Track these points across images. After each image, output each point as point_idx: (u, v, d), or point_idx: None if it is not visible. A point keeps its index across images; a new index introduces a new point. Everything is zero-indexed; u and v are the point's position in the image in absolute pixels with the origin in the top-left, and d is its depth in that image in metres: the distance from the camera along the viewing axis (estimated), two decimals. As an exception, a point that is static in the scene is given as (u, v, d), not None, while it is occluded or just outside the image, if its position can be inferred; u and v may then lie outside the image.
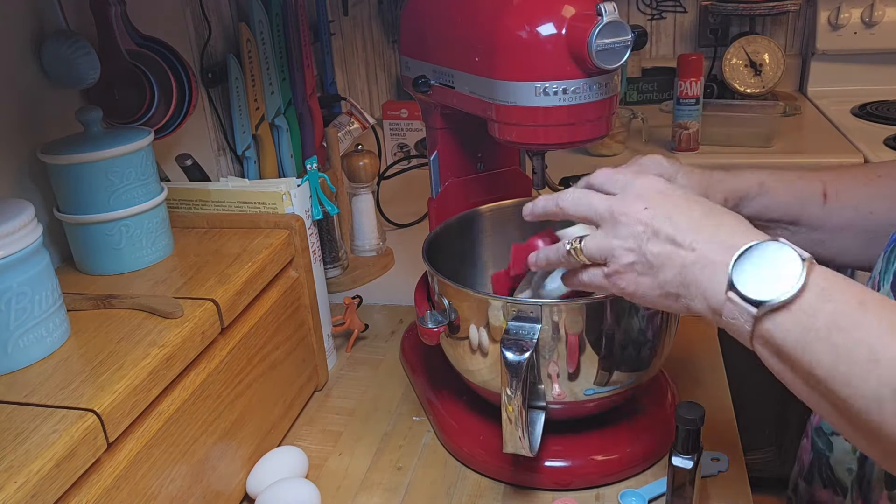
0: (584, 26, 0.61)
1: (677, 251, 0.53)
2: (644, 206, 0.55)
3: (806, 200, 0.69)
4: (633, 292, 0.56)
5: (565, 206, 0.60)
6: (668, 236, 0.53)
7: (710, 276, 0.51)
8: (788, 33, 2.05)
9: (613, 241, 0.56)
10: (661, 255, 0.54)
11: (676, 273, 0.53)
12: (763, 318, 0.48)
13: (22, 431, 0.52)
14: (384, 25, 1.89)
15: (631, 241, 0.55)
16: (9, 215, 0.60)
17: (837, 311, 0.46)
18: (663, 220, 0.54)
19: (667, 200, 0.55)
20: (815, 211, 0.69)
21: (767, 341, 0.49)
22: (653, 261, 0.54)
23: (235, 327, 0.74)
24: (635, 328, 0.69)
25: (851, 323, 0.45)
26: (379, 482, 0.76)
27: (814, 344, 0.46)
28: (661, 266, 0.54)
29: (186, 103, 0.92)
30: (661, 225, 0.54)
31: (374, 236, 1.21)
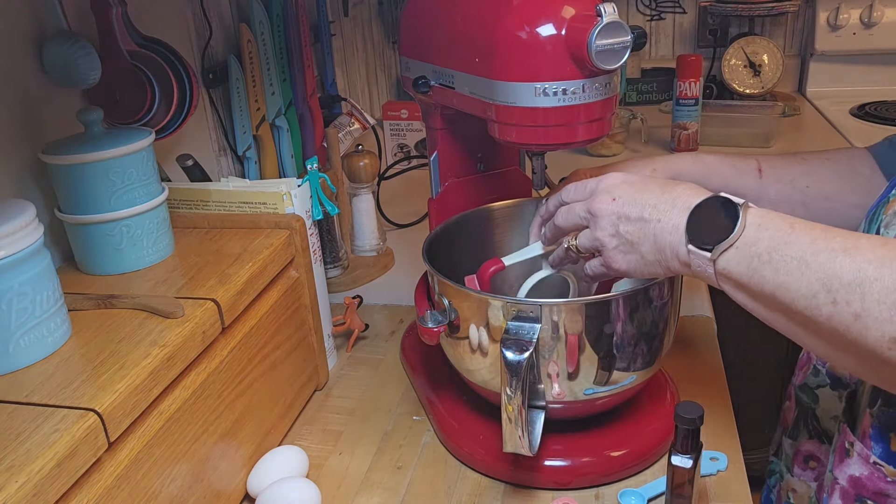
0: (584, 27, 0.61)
1: (647, 225, 0.62)
2: (612, 198, 0.65)
3: (743, 173, 0.81)
4: (627, 269, 0.66)
5: (560, 223, 0.70)
6: (637, 216, 0.63)
7: (674, 237, 0.61)
8: (787, 34, 2.05)
9: (597, 232, 0.66)
10: (635, 232, 0.63)
11: (652, 243, 0.62)
12: (718, 259, 0.58)
13: (23, 431, 0.52)
14: (384, 26, 1.89)
15: (610, 229, 0.64)
16: (10, 215, 0.60)
17: (773, 236, 0.55)
18: (629, 204, 0.64)
19: (629, 187, 0.65)
20: (752, 183, 0.80)
21: (727, 277, 0.58)
22: (631, 239, 0.64)
23: (236, 327, 0.74)
24: (635, 328, 0.69)
25: (784, 243, 0.54)
26: (379, 482, 0.76)
27: (760, 267, 0.55)
28: (638, 241, 0.63)
29: (187, 104, 0.92)
30: (629, 209, 0.63)
31: (374, 236, 1.21)
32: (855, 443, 0.64)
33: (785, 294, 0.54)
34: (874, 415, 0.63)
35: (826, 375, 0.76)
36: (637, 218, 0.63)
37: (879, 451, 0.62)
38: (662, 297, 0.70)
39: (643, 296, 0.68)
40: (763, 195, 0.79)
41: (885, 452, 0.62)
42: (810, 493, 0.78)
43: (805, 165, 0.81)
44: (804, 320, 0.54)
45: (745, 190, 0.79)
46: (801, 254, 0.53)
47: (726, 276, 0.58)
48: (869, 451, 0.63)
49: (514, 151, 0.90)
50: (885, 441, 0.62)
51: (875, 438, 0.62)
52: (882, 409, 0.62)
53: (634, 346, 0.70)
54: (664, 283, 0.69)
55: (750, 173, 0.80)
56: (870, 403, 0.64)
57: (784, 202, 0.79)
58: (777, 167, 0.81)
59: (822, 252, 0.52)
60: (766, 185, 0.80)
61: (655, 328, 0.71)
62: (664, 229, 0.61)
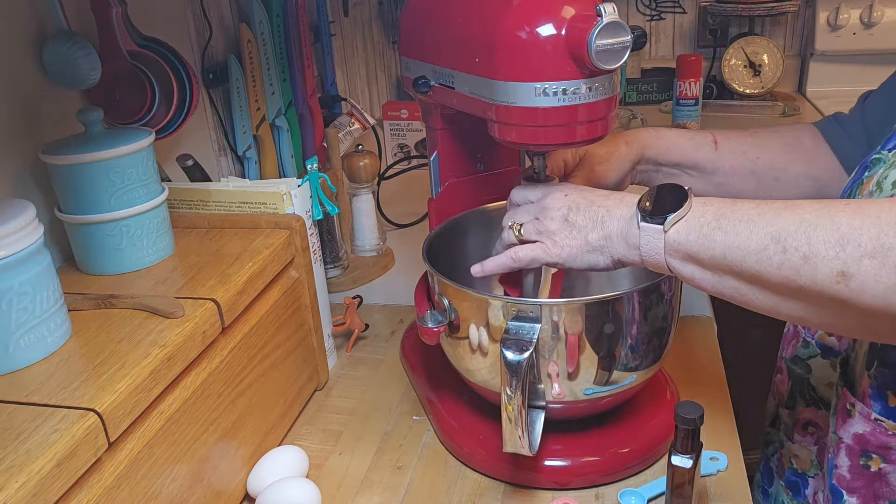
0: (584, 27, 0.61)
1: (597, 211, 0.66)
2: (564, 195, 0.68)
3: (700, 145, 0.85)
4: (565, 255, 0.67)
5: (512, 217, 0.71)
6: (587, 204, 0.66)
7: (623, 222, 0.64)
8: (787, 34, 2.05)
9: (545, 223, 0.68)
10: (584, 219, 0.66)
11: (600, 229, 0.65)
12: (669, 230, 0.60)
13: (23, 431, 0.52)
14: (384, 26, 1.89)
15: (558, 217, 0.67)
16: (10, 215, 0.60)
17: (719, 208, 0.59)
18: (580, 198, 0.67)
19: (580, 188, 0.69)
20: (708, 154, 0.85)
21: (677, 249, 0.60)
22: (579, 224, 0.66)
23: (236, 327, 0.74)
24: (635, 328, 0.69)
25: (730, 210, 0.58)
26: (379, 481, 0.76)
27: (710, 233, 0.58)
28: (586, 227, 0.66)
29: (187, 104, 0.92)
30: (579, 200, 0.67)
31: (374, 236, 1.21)
32: (856, 403, 0.67)
33: (736, 253, 0.57)
34: (872, 376, 0.66)
35: (816, 346, 0.78)
36: (587, 206, 0.66)
37: (879, 409, 0.65)
38: (662, 297, 0.70)
39: (643, 296, 0.68)
40: (719, 166, 0.85)
41: (885, 409, 0.65)
42: (812, 457, 0.80)
43: (756, 138, 0.86)
44: (754, 275, 0.56)
45: (703, 161, 0.85)
46: (747, 216, 0.57)
47: (676, 248, 0.60)
48: (869, 409, 0.66)
49: (514, 151, 0.90)
50: (884, 399, 0.65)
51: (874, 397, 0.66)
52: (879, 370, 0.65)
53: (634, 346, 0.70)
54: (664, 284, 0.69)
55: (706, 145, 0.85)
56: (867, 366, 0.67)
57: (737, 172, 0.85)
58: (731, 139, 0.86)
59: (767, 212, 0.56)
60: (721, 157, 0.85)
61: (655, 328, 0.71)
62: (613, 216, 0.65)
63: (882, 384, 0.65)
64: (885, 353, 0.65)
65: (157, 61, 0.87)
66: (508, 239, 0.71)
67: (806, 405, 0.80)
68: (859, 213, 0.52)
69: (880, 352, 0.65)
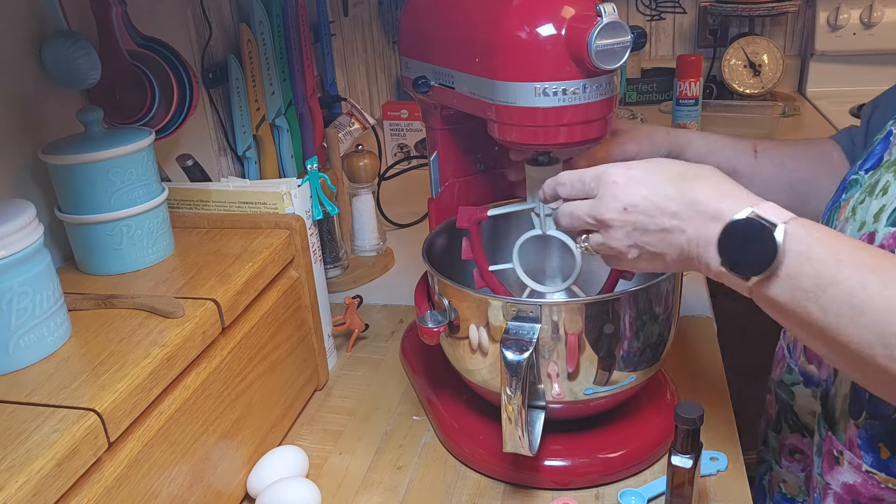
0: (584, 27, 0.61)
1: (669, 236, 0.57)
2: (623, 207, 0.59)
3: (740, 152, 0.82)
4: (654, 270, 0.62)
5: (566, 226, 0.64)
6: (656, 227, 0.58)
7: (705, 253, 0.56)
8: (787, 34, 2.05)
9: (612, 243, 0.60)
10: (657, 243, 0.58)
11: (678, 253, 0.58)
12: (759, 285, 0.53)
13: (23, 431, 0.53)
14: (384, 26, 1.89)
15: (626, 240, 0.60)
16: (10, 215, 0.60)
17: (818, 272, 0.51)
18: (644, 214, 0.58)
19: (637, 188, 0.58)
20: (748, 161, 0.82)
21: (765, 299, 0.54)
22: (653, 250, 0.59)
23: (236, 327, 0.74)
24: (635, 327, 0.69)
25: (832, 283, 0.50)
26: (379, 481, 0.76)
27: (803, 303, 0.51)
28: (662, 252, 0.59)
29: (187, 104, 0.92)
30: (644, 220, 0.58)
31: (374, 236, 1.21)
32: (844, 451, 0.65)
33: (833, 335, 0.51)
34: (860, 426, 0.64)
35: (799, 374, 0.77)
36: (657, 230, 0.58)
37: (871, 461, 0.63)
38: (662, 297, 0.70)
39: (643, 296, 0.68)
40: (756, 175, 0.82)
41: (877, 461, 0.63)
42: (800, 483, 0.80)
43: (791, 149, 0.85)
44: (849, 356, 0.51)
45: (742, 168, 0.82)
46: (852, 299, 0.49)
47: (764, 298, 0.54)
48: (860, 460, 0.64)
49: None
50: (875, 451, 0.63)
51: (864, 448, 0.63)
52: (868, 421, 0.63)
53: (634, 345, 0.70)
54: (664, 284, 0.69)
55: (747, 153, 0.83)
56: (852, 414, 0.65)
57: (774, 184, 0.82)
58: (769, 149, 0.84)
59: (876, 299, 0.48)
60: (760, 166, 0.82)
61: (655, 328, 0.71)
62: (691, 241, 0.56)
63: (873, 436, 0.63)
64: (876, 406, 0.62)
65: (157, 61, 0.87)
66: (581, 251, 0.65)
67: (791, 430, 0.80)
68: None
69: (869, 403, 0.63)
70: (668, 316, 0.72)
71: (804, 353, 0.76)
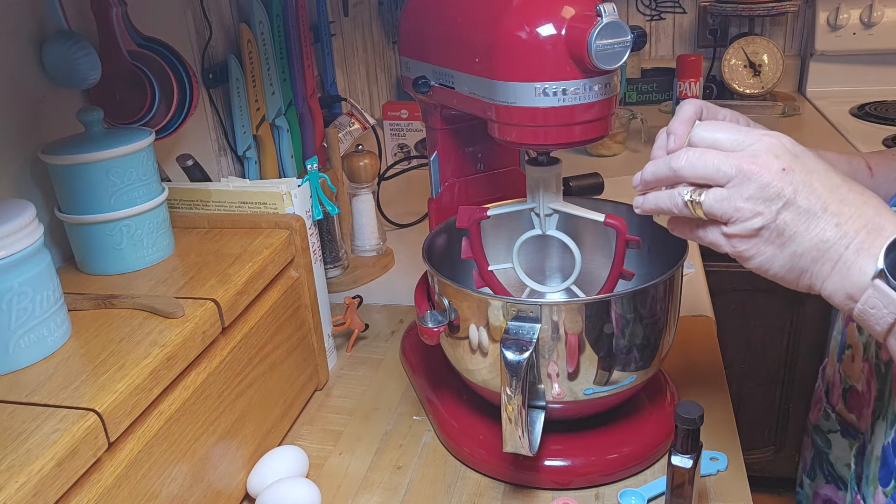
0: (584, 27, 0.61)
1: (817, 223, 0.49)
2: (782, 167, 0.49)
3: (857, 171, 0.71)
4: (753, 259, 0.52)
5: (680, 169, 0.53)
6: (807, 205, 0.49)
7: (853, 258, 0.48)
8: (787, 34, 2.05)
9: (739, 201, 0.50)
10: (796, 224, 0.49)
11: (812, 247, 0.49)
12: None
13: (23, 431, 0.52)
14: (384, 26, 1.89)
15: (761, 205, 0.50)
16: (10, 215, 0.60)
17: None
18: (803, 185, 0.49)
19: (805, 163, 0.50)
20: (865, 181, 0.69)
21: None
22: (785, 229, 0.49)
23: (236, 327, 0.74)
24: (635, 327, 0.69)
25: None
26: (379, 481, 0.76)
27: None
28: (793, 236, 0.49)
29: (187, 104, 0.92)
30: (799, 190, 0.49)
31: (374, 236, 1.21)
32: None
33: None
34: (888, 494, 0.59)
35: (836, 421, 0.73)
36: (807, 209, 0.49)
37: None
38: (662, 297, 0.70)
39: (644, 296, 0.68)
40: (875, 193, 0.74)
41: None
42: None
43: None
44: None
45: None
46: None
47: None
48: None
49: (514, 151, 0.90)
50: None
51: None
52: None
53: (634, 346, 0.70)
54: (664, 283, 0.69)
55: (862, 171, 0.72)
56: (882, 481, 0.60)
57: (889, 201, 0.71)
58: (882, 166, 0.73)
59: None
60: (877, 185, 0.71)
61: (655, 328, 0.71)
62: (842, 240, 0.48)
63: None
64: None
65: (157, 61, 0.87)
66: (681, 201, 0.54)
67: (825, 481, 0.75)
68: None
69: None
70: (668, 316, 0.72)
71: (843, 401, 0.71)
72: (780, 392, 1.79)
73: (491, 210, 0.78)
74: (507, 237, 0.85)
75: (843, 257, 0.48)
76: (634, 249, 0.76)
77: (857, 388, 0.70)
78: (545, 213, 0.74)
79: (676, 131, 0.57)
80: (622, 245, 0.74)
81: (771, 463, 1.82)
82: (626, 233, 0.72)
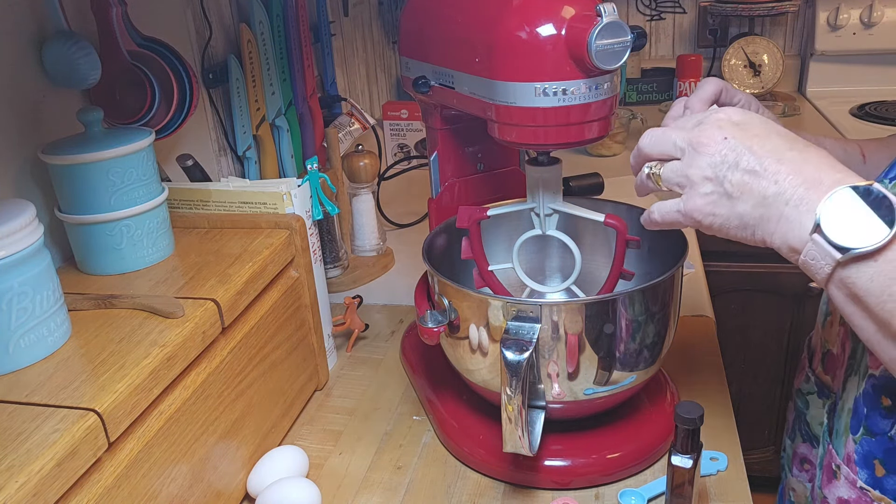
0: (584, 27, 0.61)
1: (758, 181, 0.52)
2: (724, 136, 0.54)
3: (851, 156, 0.74)
4: (710, 224, 0.56)
5: (644, 147, 0.60)
6: (748, 166, 0.53)
7: (793, 213, 0.51)
8: (787, 34, 2.05)
9: (690, 169, 0.55)
10: (741, 184, 0.53)
11: (756, 204, 0.53)
12: (846, 264, 0.48)
13: (23, 431, 0.53)
14: (384, 26, 1.89)
15: (709, 171, 0.54)
16: (10, 215, 0.60)
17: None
18: (743, 149, 0.53)
19: (747, 130, 0.54)
20: (859, 168, 0.71)
21: (845, 286, 0.49)
22: (731, 190, 0.53)
23: (236, 327, 0.74)
24: (635, 327, 0.69)
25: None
26: (379, 481, 0.76)
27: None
28: (739, 196, 0.53)
29: (187, 104, 0.92)
30: (740, 154, 0.53)
31: (374, 236, 1.21)
32: (841, 466, 0.65)
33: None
34: (857, 441, 0.63)
35: (814, 383, 0.76)
36: (748, 169, 0.53)
37: (865, 477, 0.63)
38: (662, 297, 0.70)
39: (643, 295, 0.68)
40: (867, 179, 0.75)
41: (871, 478, 0.62)
42: (807, 494, 0.79)
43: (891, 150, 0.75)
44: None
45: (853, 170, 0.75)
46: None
47: (845, 285, 0.49)
48: (855, 475, 0.63)
49: (514, 151, 0.90)
50: (870, 468, 0.62)
51: (860, 465, 0.63)
52: (865, 437, 0.62)
53: (634, 345, 0.70)
54: (664, 283, 0.69)
55: (856, 157, 0.75)
56: (851, 429, 0.64)
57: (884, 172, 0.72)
58: (874, 153, 0.75)
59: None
60: (868, 172, 0.74)
61: (655, 328, 0.71)
62: (781, 196, 0.51)
63: (868, 452, 0.62)
64: (874, 422, 0.61)
65: (157, 61, 0.87)
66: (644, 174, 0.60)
67: (802, 440, 0.79)
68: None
69: (867, 419, 0.62)
70: (668, 316, 0.72)
71: (822, 363, 0.75)
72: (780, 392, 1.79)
73: (491, 210, 0.78)
74: (507, 237, 0.85)
75: (783, 213, 0.51)
76: (634, 249, 0.76)
77: (832, 351, 0.72)
78: (545, 213, 0.74)
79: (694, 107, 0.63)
80: (622, 245, 0.74)
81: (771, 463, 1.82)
82: (626, 233, 0.73)
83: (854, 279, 0.48)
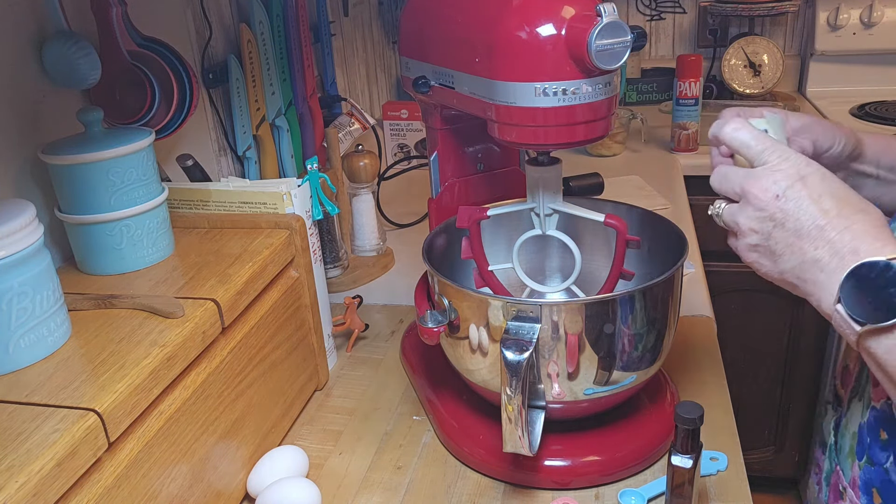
0: (584, 27, 0.61)
1: (800, 244, 0.54)
2: (776, 195, 0.55)
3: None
4: (757, 269, 0.59)
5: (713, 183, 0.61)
6: (794, 228, 0.55)
7: (826, 280, 0.53)
8: (787, 34, 2.05)
9: (741, 219, 0.58)
10: (783, 243, 0.55)
11: (796, 265, 0.55)
12: (867, 334, 0.51)
13: (23, 431, 0.52)
14: (384, 26, 1.89)
15: (756, 224, 0.57)
16: (10, 215, 0.60)
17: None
18: (792, 212, 0.55)
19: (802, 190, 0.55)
20: None
21: (870, 355, 0.52)
22: (774, 248, 0.56)
23: (236, 327, 0.74)
24: (635, 328, 0.69)
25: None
26: (379, 481, 0.76)
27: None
28: (781, 255, 0.56)
29: (187, 104, 0.92)
30: (788, 217, 0.55)
31: (374, 236, 1.21)
32: (847, 489, 0.66)
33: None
34: (861, 467, 0.64)
35: (829, 393, 0.77)
36: (794, 230, 0.55)
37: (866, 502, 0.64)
38: (662, 297, 0.70)
39: (643, 295, 0.68)
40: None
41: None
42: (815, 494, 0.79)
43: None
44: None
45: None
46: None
47: (870, 354, 0.52)
48: (858, 500, 0.65)
49: (514, 151, 0.90)
50: (870, 495, 0.64)
51: (862, 490, 0.65)
52: (867, 465, 0.64)
53: (634, 345, 0.70)
54: (664, 283, 0.69)
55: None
56: (857, 455, 0.65)
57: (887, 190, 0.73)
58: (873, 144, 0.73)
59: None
60: None
61: (655, 328, 0.71)
62: (818, 262, 0.54)
63: (869, 480, 0.64)
64: (874, 452, 0.63)
65: (157, 61, 0.87)
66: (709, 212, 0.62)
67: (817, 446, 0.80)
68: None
69: (869, 449, 0.63)
70: (668, 316, 0.72)
71: (841, 376, 0.75)
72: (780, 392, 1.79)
73: (491, 210, 0.78)
74: (507, 237, 0.85)
75: (818, 279, 0.54)
76: (634, 249, 0.76)
77: (849, 366, 0.73)
78: (545, 213, 0.74)
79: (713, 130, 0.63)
80: (622, 245, 0.74)
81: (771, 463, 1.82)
82: (626, 233, 0.73)
83: (874, 349, 0.51)
